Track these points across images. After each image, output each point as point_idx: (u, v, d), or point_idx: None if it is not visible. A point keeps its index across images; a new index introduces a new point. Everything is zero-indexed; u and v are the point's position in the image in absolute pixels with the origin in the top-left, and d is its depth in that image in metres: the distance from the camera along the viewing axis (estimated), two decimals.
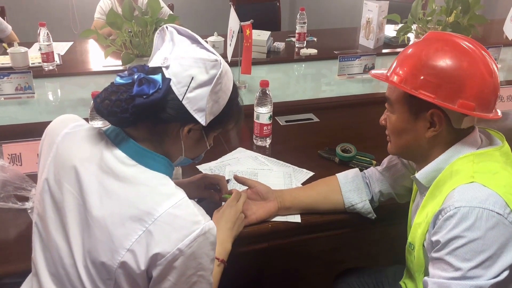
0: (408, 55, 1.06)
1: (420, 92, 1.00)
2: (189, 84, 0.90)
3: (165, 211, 0.85)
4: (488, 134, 1.10)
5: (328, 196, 1.32)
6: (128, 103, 0.88)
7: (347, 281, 1.48)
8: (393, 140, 1.12)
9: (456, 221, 0.92)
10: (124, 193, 0.88)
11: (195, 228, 0.85)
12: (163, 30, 0.99)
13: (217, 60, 0.92)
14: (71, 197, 0.91)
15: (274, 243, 1.31)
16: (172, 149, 0.97)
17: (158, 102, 0.89)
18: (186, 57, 0.92)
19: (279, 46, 2.77)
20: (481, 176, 0.96)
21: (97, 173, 0.90)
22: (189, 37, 0.98)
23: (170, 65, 0.91)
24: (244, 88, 2.21)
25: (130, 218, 0.85)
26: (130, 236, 0.84)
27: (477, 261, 0.90)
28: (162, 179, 0.92)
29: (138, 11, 1.99)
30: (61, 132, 0.98)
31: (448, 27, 2.35)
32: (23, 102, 2.00)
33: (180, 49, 0.94)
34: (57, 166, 0.94)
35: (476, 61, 1.00)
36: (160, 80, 0.89)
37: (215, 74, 0.92)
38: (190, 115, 0.92)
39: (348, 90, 2.27)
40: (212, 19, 4.13)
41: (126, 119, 0.89)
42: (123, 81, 0.91)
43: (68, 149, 0.95)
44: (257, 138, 1.71)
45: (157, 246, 0.83)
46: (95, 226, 0.87)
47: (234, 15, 2.05)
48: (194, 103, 0.92)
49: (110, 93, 0.90)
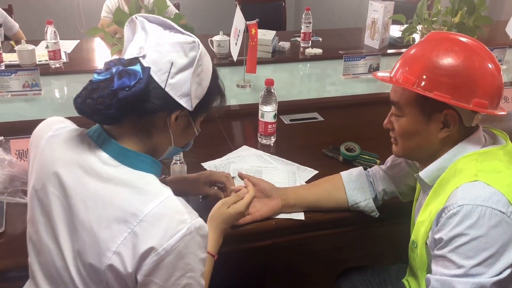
0: (415, 56, 1.05)
1: (435, 93, 0.99)
2: (170, 70, 0.88)
3: (150, 211, 0.83)
4: (492, 133, 1.11)
5: (332, 194, 1.33)
6: (111, 99, 0.85)
7: (350, 279, 1.48)
8: (402, 143, 1.11)
9: (459, 219, 0.92)
10: (109, 195, 0.86)
11: (181, 228, 0.83)
12: (132, 21, 0.96)
13: (194, 42, 0.90)
14: (57, 200, 0.90)
15: (277, 240, 1.32)
16: (161, 141, 0.95)
17: (141, 92, 0.86)
18: (162, 43, 0.90)
19: (284, 46, 2.78)
20: (484, 174, 0.97)
21: (80, 176, 0.88)
22: (160, 24, 0.94)
23: (147, 54, 0.89)
24: (249, 87, 2.22)
25: (116, 220, 0.83)
26: (116, 238, 0.83)
27: (480, 258, 0.90)
28: (147, 178, 0.89)
29: (145, 9, 2.01)
30: (45, 136, 0.96)
31: (454, 27, 2.36)
32: (30, 99, 2.02)
33: (154, 36, 0.91)
34: (42, 170, 0.93)
35: (486, 59, 1.01)
36: (139, 70, 0.86)
37: (195, 56, 0.90)
38: (175, 102, 0.90)
39: (353, 90, 2.27)
40: (217, 18, 4.14)
41: (112, 115, 0.86)
42: (101, 77, 0.87)
43: (51, 153, 0.93)
44: (261, 137, 1.72)
45: (143, 247, 0.81)
46: (81, 229, 0.86)
47: (240, 15, 2.06)
48: (178, 88, 0.90)
49: (91, 91, 0.87)
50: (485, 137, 1.07)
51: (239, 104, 2.07)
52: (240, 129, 1.89)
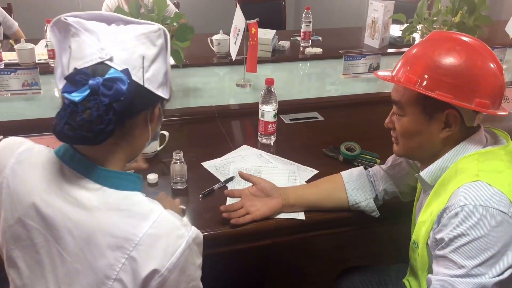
0: (417, 55, 1.05)
1: (437, 93, 0.99)
2: (143, 65, 0.83)
3: (144, 234, 0.79)
4: (493, 133, 1.11)
5: (332, 194, 1.32)
6: (108, 113, 0.78)
7: (350, 279, 1.48)
8: (403, 142, 1.11)
9: (461, 219, 0.92)
10: (96, 223, 0.80)
11: (180, 243, 0.80)
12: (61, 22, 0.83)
13: (160, 29, 0.86)
14: (39, 234, 0.83)
15: (278, 240, 1.31)
16: (141, 140, 0.90)
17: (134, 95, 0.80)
18: (125, 39, 0.82)
19: (284, 45, 2.77)
20: (486, 174, 0.96)
21: (61, 206, 0.82)
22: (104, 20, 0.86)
23: (113, 55, 0.80)
24: (249, 87, 2.22)
25: (109, 247, 0.79)
26: (114, 266, 0.78)
27: (481, 259, 0.90)
28: (133, 197, 0.83)
29: (145, 8, 2.00)
30: (9, 163, 0.87)
31: (454, 27, 2.35)
32: (29, 98, 2.01)
33: (108, 34, 0.83)
34: (14, 203, 0.85)
35: (488, 58, 1.00)
36: (122, 74, 0.79)
37: (163, 43, 0.87)
38: (155, 95, 0.86)
39: (353, 89, 2.27)
40: (217, 17, 4.13)
41: (112, 130, 0.79)
42: (84, 95, 0.78)
43: (22, 183, 0.85)
44: (261, 136, 1.71)
45: (144, 271, 0.78)
46: (74, 261, 0.81)
47: (240, 14, 2.05)
48: (154, 81, 0.85)
49: (82, 113, 0.77)
50: (487, 137, 1.07)
51: (238, 104, 2.06)
52: (240, 129, 1.88)
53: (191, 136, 1.77)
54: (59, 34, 0.85)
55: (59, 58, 0.85)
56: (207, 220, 1.27)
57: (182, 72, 2.31)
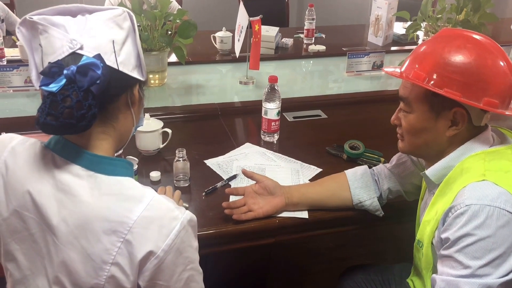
0: (427, 52, 1.04)
1: (446, 90, 0.98)
2: (114, 49, 0.84)
3: (138, 216, 0.80)
4: (500, 132, 1.10)
5: (336, 192, 1.31)
6: (87, 98, 0.79)
7: (353, 278, 1.48)
8: (408, 139, 1.10)
9: (467, 219, 0.91)
10: (90, 209, 0.81)
11: (175, 225, 0.82)
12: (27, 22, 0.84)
13: (124, 11, 0.87)
14: (35, 223, 0.85)
15: (281, 238, 1.31)
16: (126, 124, 0.92)
17: (110, 79, 0.81)
18: (93, 26, 0.83)
19: (287, 42, 2.76)
20: (492, 174, 0.95)
21: (54, 194, 0.83)
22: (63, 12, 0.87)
23: (83, 43, 0.81)
24: (252, 84, 2.21)
25: (104, 232, 0.80)
26: (110, 250, 0.80)
27: (487, 259, 0.89)
28: (125, 182, 0.85)
29: (147, 5, 1.99)
30: (1, 157, 0.89)
31: (458, 25, 2.34)
32: (31, 95, 2.01)
33: (75, 25, 0.83)
34: (9, 195, 0.87)
35: (498, 58, 0.99)
36: (94, 59, 0.80)
37: (129, 25, 0.88)
38: (131, 77, 0.87)
39: (356, 87, 2.26)
40: (220, 14, 4.13)
41: (94, 114, 0.80)
42: (61, 84, 0.78)
43: (15, 176, 0.87)
44: (265, 134, 1.70)
45: (140, 253, 0.79)
46: (69, 250, 0.82)
47: (243, 10, 2.04)
48: (128, 63, 0.87)
49: (62, 101, 0.78)
50: (493, 137, 1.06)
51: (241, 101, 2.06)
52: (243, 126, 1.88)
53: (194, 133, 1.76)
54: (27, 34, 0.86)
55: (32, 59, 0.86)
56: (210, 218, 1.27)
57: (185, 69, 2.30)
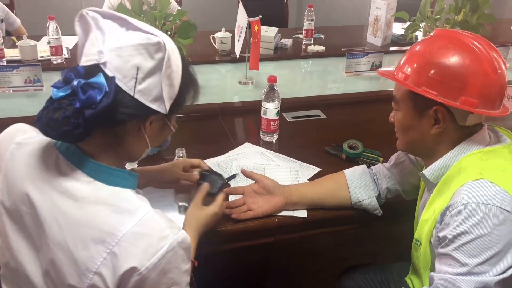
0: (415, 52, 1.08)
1: (423, 89, 1.01)
2: (137, 76, 0.81)
3: (128, 231, 0.79)
4: (496, 131, 1.11)
5: (335, 192, 1.32)
6: (77, 117, 0.78)
7: (352, 277, 1.48)
8: (400, 137, 1.14)
9: (464, 217, 0.92)
10: (83, 215, 0.81)
11: (163, 245, 0.80)
12: (83, 17, 0.85)
13: (159, 43, 0.82)
14: (30, 218, 0.86)
15: (280, 238, 1.31)
16: (136, 146, 0.90)
17: (110, 107, 0.79)
18: (123, 46, 0.81)
19: (287, 43, 2.77)
20: (489, 173, 0.96)
21: (51, 195, 0.83)
22: (116, 19, 0.86)
23: (108, 60, 0.80)
24: (252, 84, 2.22)
25: (93, 240, 0.80)
26: (95, 259, 0.79)
27: (484, 257, 0.90)
28: (122, 194, 0.85)
29: (147, 5, 2.00)
30: (9, 148, 0.90)
31: (457, 25, 2.35)
32: (32, 95, 2.02)
33: (113, 37, 0.82)
34: (9, 186, 0.88)
35: (480, 58, 0.99)
36: (104, 82, 0.78)
37: (163, 58, 0.82)
38: (147, 107, 0.84)
39: (355, 88, 2.27)
40: (219, 15, 4.13)
41: (81, 134, 0.80)
42: (62, 93, 0.80)
43: (17, 168, 0.88)
44: (264, 134, 1.71)
45: (123, 267, 0.78)
46: (57, 250, 0.82)
47: (243, 11, 2.05)
48: (148, 94, 0.83)
49: (53, 111, 0.79)
50: (490, 136, 1.07)
51: (241, 101, 2.06)
52: (242, 126, 1.88)
53: (193, 133, 1.76)
54: (81, 28, 0.87)
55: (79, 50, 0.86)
56: None
57: None
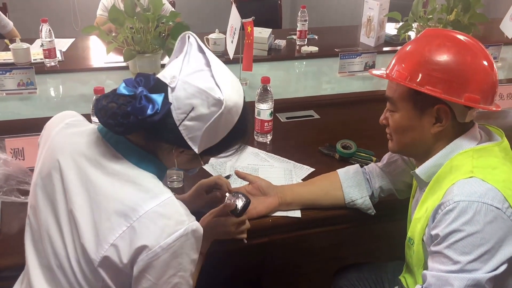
0: (409, 52, 1.07)
1: (427, 88, 1.01)
2: (189, 113, 0.89)
3: (150, 209, 0.85)
4: (487, 130, 1.12)
5: (329, 191, 1.33)
6: (124, 118, 0.87)
7: (347, 276, 1.49)
8: (396, 138, 1.12)
9: (455, 215, 0.93)
10: (111, 188, 0.88)
11: (179, 228, 0.85)
12: (184, 38, 0.96)
13: (219, 100, 0.88)
14: (61, 186, 0.92)
15: (274, 238, 1.32)
16: (165, 160, 0.97)
17: (154, 124, 0.88)
18: (192, 84, 0.89)
19: (280, 44, 2.78)
20: (480, 171, 0.97)
21: (84, 166, 0.91)
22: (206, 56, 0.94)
23: (176, 87, 0.89)
24: (245, 85, 2.22)
25: (116, 212, 0.86)
26: (115, 231, 0.85)
27: (476, 254, 0.91)
28: (150, 177, 0.91)
29: (140, 7, 2.00)
30: (57, 127, 0.99)
31: (449, 25, 2.36)
32: (25, 98, 2.01)
33: (190, 70, 0.91)
34: (48, 158, 0.95)
35: (478, 55, 1.01)
36: (160, 103, 0.87)
37: (215, 112, 0.89)
38: (184, 140, 0.91)
39: (349, 88, 2.28)
40: (213, 16, 4.13)
41: (121, 131, 0.89)
42: (126, 92, 0.89)
43: (59, 141, 0.96)
44: (258, 134, 1.71)
45: (139, 242, 0.84)
46: (80, 218, 0.88)
47: (236, 12, 2.05)
48: (190, 131, 0.90)
49: (111, 101, 0.89)
50: (481, 134, 1.08)
51: None
52: None
53: None
54: (179, 45, 0.97)
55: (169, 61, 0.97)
56: None
57: None
